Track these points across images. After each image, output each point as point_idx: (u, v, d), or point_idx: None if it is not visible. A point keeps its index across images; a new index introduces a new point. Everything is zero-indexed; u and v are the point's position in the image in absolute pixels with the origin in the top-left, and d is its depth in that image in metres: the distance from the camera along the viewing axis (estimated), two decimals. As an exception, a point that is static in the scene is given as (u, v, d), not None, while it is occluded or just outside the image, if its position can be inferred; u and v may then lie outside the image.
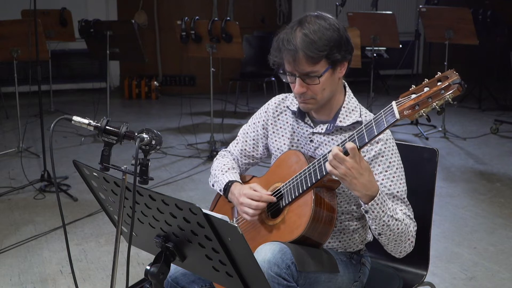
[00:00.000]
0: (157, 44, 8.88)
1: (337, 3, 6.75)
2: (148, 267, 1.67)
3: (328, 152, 1.88)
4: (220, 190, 2.21)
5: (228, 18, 6.02)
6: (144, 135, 1.70)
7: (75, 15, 6.93)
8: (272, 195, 2.09)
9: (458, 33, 6.04)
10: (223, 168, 2.25)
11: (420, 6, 6.73)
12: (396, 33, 6.38)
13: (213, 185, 2.27)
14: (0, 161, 5.46)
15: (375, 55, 6.52)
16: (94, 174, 1.77)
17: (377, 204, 1.87)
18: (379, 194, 1.87)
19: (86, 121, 1.76)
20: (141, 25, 8.53)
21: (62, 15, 6.82)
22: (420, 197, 2.24)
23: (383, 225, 1.90)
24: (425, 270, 2.30)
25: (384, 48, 6.68)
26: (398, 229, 1.92)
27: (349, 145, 1.79)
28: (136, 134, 1.72)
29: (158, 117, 7.42)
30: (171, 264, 1.71)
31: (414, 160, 2.31)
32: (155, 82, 8.54)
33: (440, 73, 1.70)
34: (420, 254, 2.30)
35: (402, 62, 7.75)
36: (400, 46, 6.48)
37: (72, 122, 1.76)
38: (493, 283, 3.32)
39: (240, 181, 2.20)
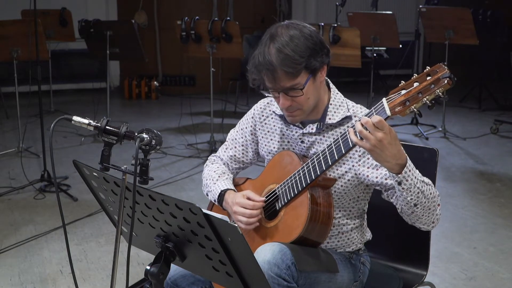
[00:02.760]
0: (157, 44, 8.89)
1: (337, 3, 6.76)
2: (148, 267, 1.67)
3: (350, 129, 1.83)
4: (215, 200, 2.20)
5: (228, 18, 6.02)
6: (144, 135, 1.70)
7: (75, 15, 6.93)
8: (267, 197, 2.09)
9: (458, 33, 6.04)
10: (214, 176, 2.24)
11: (420, 6, 6.74)
12: (396, 33, 6.37)
13: (207, 194, 2.27)
14: (0, 161, 5.46)
15: (375, 55, 6.52)
16: (94, 174, 1.77)
17: (410, 171, 1.80)
18: (408, 161, 1.81)
19: (86, 121, 1.76)
20: (141, 25, 8.53)
21: (62, 15, 6.81)
22: (420, 197, 2.24)
23: (418, 192, 1.83)
24: (425, 270, 2.30)
25: (384, 48, 6.68)
26: (430, 193, 1.86)
27: (375, 118, 1.71)
28: (136, 134, 1.72)
29: (158, 117, 7.42)
30: (171, 266, 1.71)
31: (414, 160, 2.29)
32: (155, 82, 8.54)
33: (429, 67, 1.69)
34: (420, 254, 2.31)
35: (402, 62, 7.76)
36: (400, 46, 6.48)
37: (72, 122, 1.76)
38: (493, 283, 3.32)
39: (233, 188, 2.19)
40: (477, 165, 5.45)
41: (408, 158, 1.82)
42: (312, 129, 2.07)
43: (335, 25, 5.58)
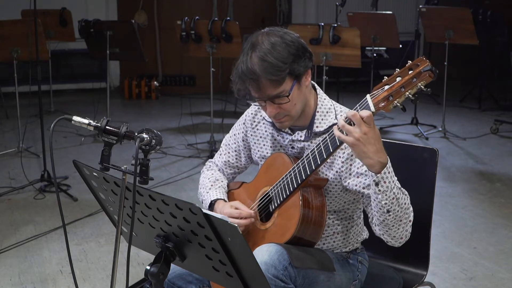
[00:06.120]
0: (157, 44, 8.88)
1: (337, 3, 6.75)
2: (148, 267, 1.67)
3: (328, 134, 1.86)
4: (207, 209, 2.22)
5: (228, 18, 6.02)
6: (144, 135, 1.70)
7: (75, 15, 6.92)
8: (261, 200, 2.09)
9: (458, 33, 6.04)
10: (207, 184, 2.26)
11: (420, 6, 6.73)
12: (396, 33, 6.37)
13: (202, 202, 2.28)
14: (0, 161, 5.46)
15: (375, 55, 6.52)
16: (94, 174, 1.77)
17: (389, 173, 1.79)
18: (389, 163, 1.80)
19: (86, 121, 1.76)
20: (141, 25, 8.52)
21: (62, 15, 6.81)
22: (420, 197, 2.24)
23: (393, 198, 1.81)
24: (425, 270, 2.30)
25: (384, 48, 6.68)
26: (405, 203, 1.85)
27: (364, 112, 1.72)
28: (136, 134, 1.72)
29: (158, 117, 7.42)
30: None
31: (414, 160, 2.31)
32: (155, 82, 8.53)
33: (410, 62, 1.69)
34: (420, 254, 2.30)
35: (402, 62, 7.75)
36: (400, 46, 6.48)
37: (72, 122, 1.76)
38: (493, 283, 3.32)
39: (224, 198, 2.20)
40: (477, 165, 5.45)
41: (389, 161, 1.81)
42: (300, 136, 2.07)
43: (335, 25, 5.58)
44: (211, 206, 2.19)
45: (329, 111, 2.07)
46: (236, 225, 1.48)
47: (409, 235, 1.93)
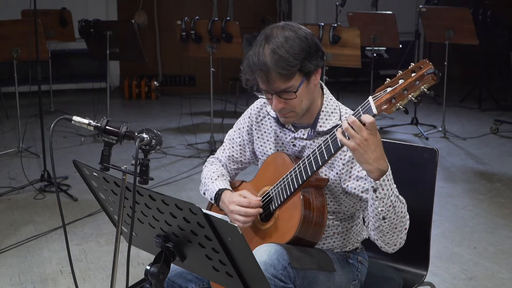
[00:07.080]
0: (157, 44, 8.89)
1: (337, 3, 6.75)
2: (148, 267, 1.67)
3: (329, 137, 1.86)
4: (211, 198, 2.20)
5: (228, 18, 6.02)
6: (144, 135, 1.70)
7: (75, 15, 6.93)
8: (261, 199, 2.09)
9: (458, 33, 6.04)
10: (213, 176, 2.24)
11: (420, 6, 6.74)
12: (396, 33, 6.37)
13: (204, 193, 2.27)
14: (0, 161, 5.46)
15: (375, 55, 6.52)
16: (94, 174, 1.77)
17: (388, 180, 1.79)
18: (389, 171, 1.79)
19: (86, 121, 1.76)
20: (141, 25, 8.53)
21: (62, 15, 6.82)
22: (420, 197, 2.24)
23: (390, 205, 1.81)
24: (425, 270, 2.30)
25: (384, 48, 6.68)
26: (401, 212, 1.85)
27: (367, 118, 1.70)
28: (136, 134, 1.72)
29: (158, 117, 7.42)
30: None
31: (414, 160, 2.31)
32: (155, 82, 8.54)
33: (413, 64, 1.68)
34: (420, 254, 2.30)
35: (402, 62, 7.75)
36: (400, 46, 6.48)
37: (72, 122, 1.76)
38: (493, 283, 3.32)
39: (230, 189, 2.19)
40: (477, 165, 5.45)
41: (390, 169, 1.80)
42: (303, 134, 2.07)
43: (335, 25, 5.58)
44: (217, 196, 2.17)
45: (334, 112, 2.06)
46: (236, 225, 1.48)
47: (404, 242, 1.94)
